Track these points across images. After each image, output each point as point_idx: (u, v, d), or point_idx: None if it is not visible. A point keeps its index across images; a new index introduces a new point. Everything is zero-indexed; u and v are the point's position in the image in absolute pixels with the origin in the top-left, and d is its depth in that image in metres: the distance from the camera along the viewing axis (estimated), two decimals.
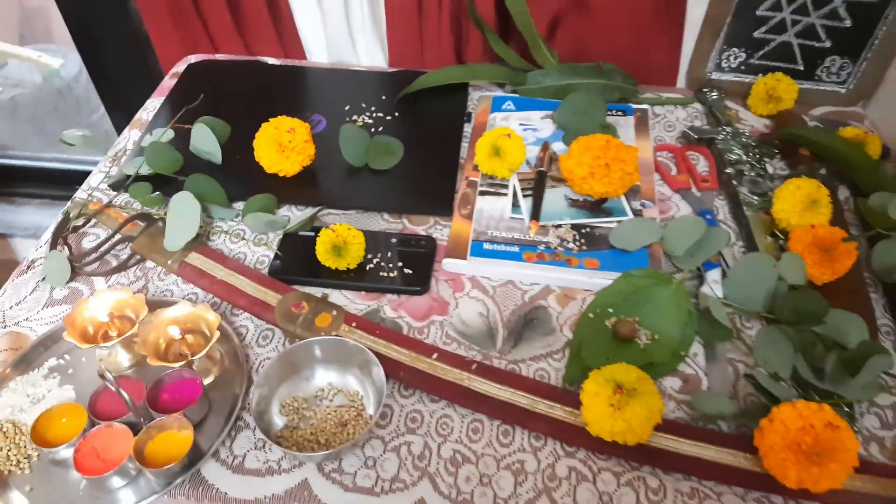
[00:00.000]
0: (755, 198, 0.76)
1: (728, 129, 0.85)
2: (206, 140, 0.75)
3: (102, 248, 0.69)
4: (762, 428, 0.52)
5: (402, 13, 0.91)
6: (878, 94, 0.91)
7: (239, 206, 0.75)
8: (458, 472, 0.54)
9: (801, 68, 0.91)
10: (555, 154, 0.80)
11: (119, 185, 0.76)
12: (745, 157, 0.81)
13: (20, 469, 0.55)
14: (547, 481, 0.54)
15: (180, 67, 0.98)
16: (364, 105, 0.89)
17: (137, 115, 0.90)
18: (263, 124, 0.76)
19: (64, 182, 1.41)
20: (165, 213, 0.70)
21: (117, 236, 0.71)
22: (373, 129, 0.84)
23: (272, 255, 0.71)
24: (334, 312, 0.63)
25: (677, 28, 0.90)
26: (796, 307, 0.60)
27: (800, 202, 0.70)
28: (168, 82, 0.95)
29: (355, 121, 0.86)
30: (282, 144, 0.75)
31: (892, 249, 0.67)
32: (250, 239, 0.73)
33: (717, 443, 0.55)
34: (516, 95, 0.91)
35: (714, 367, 0.62)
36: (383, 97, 0.90)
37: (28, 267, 0.70)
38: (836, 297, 0.64)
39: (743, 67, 0.93)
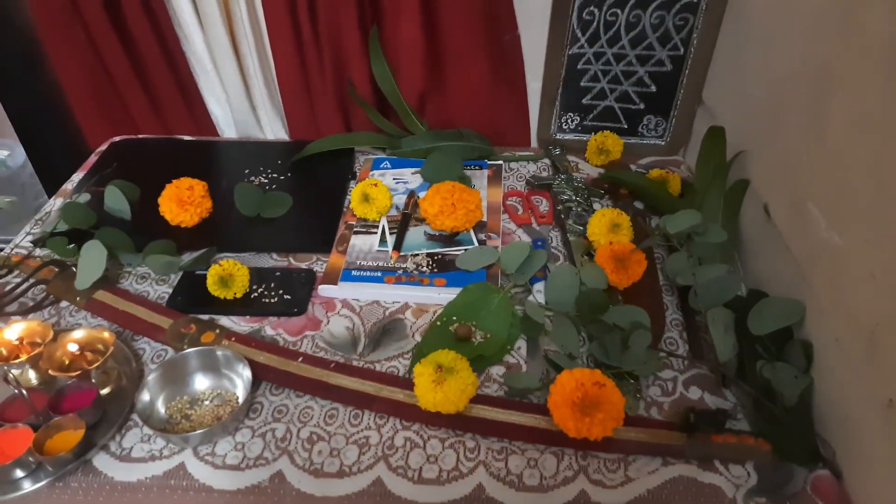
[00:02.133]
0: (579, 227, 0.93)
1: (563, 176, 1.03)
2: (117, 199, 0.89)
3: (20, 290, 0.81)
4: (550, 392, 0.66)
5: (294, 93, 1.09)
6: (691, 143, 1.12)
7: None
8: (312, 448, 0.66)
9: (626, 126, 1.12)
10: (417, 201, 0.97)
11: (40, 241, 0.88)
12: (574, 197, 0.99)
13: None
14: (386, 450, 0.66)
15: (104, 146, 1.12)
16: (262, 168, 1.04)
17: (63, 186, 1.03)
18: (167, 185, 0.90)
19: None
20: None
21: (31, 280, 0.82)
22: (267, 187, 1.00)
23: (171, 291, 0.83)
24: (217, 331, 0.76)
25: (521, 98, 1.10)
26: (586, 302, 0.75)
27: (605, 226, 0.87)
28: (92, 159, 1.10)
29: (252, 181, 1.01)
30: (182, 199, 0.89)
31: (678, 259, 0.83)
32: (154, 279, 0.86)
33: (521, 409, 0.68)
34: (393, 157, 1.08)
35: (533, 356, 0.76)
36: (279, 162, 1.06)
37: None
38: (636, 298, 0.80)
39: (579, 128, 1.13)
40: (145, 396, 0.68)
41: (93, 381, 0.69)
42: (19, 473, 0.63)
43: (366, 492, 0.63)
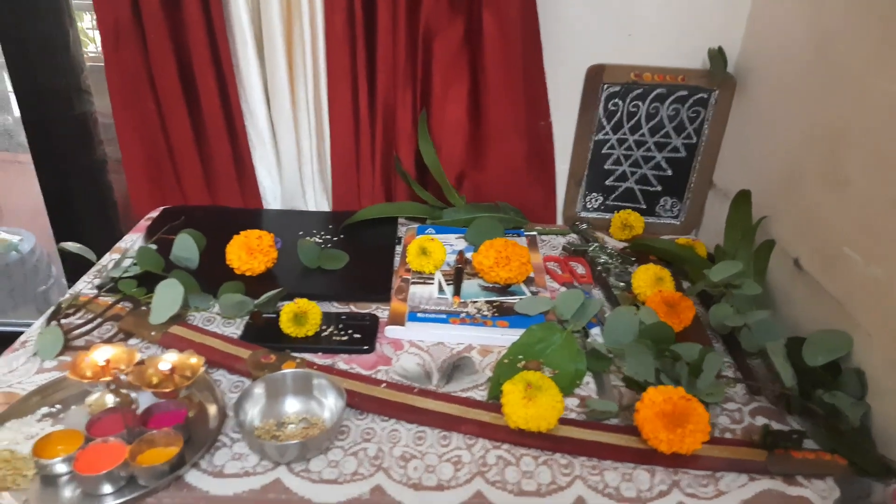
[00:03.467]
0: (620, 283, 1.00)
1: (596, 244, 1.12)
2: (187, 246, 0.92)
3: (91, 325, 0.81)
4: (637, 409, 0.69)
5: (343, 167, 1.17)
6: (703, 223, 1.23)
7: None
8: (407, 465, 0.66)
9: (644, 206, 1.23)
10: (468, 258, 1.03)
11: (104, 286, 0.89)
12: (610, 261, 1.07)
13: (16, 486, 0.61)
14: (480, 467, 0.66)
15: (156, 213, 1.16)
16: (314, 231, 1.10)
17: (117, 245, 1.06)
18: (235, 236, 0.95)
19: None
20: (150, 299, 0.84)
21: (104, 314, 0.83)
22: (321, 246, 1.04)
23: (240, 332, 0.85)
24: (298, 360, 0.77)
25: (550, 179, 1.21)
26: (652, 335, 0.80)
27: (650, 279, 0.94)
28: (143, 224, 1.13)
29: (308, 240, 1.06)
30: (250, 247, 0.93)
31: (720, 308, 0.90)
32: (221, 321, 0.87)
33: (606, 430, 0.70)
34: (435, 225, 1.15)
35: (602, 388, 0.79)
36: (330, 226, 1.12)
37: (21, 345, 0.80)
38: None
39: (602, 207, 1.24)
40: (245, 409, 0.68)
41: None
42: (108, 488, 0.61)
43: (468, 503, 0.63)
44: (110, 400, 0.71)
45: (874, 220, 0.75)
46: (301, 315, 0.83)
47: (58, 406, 0.71)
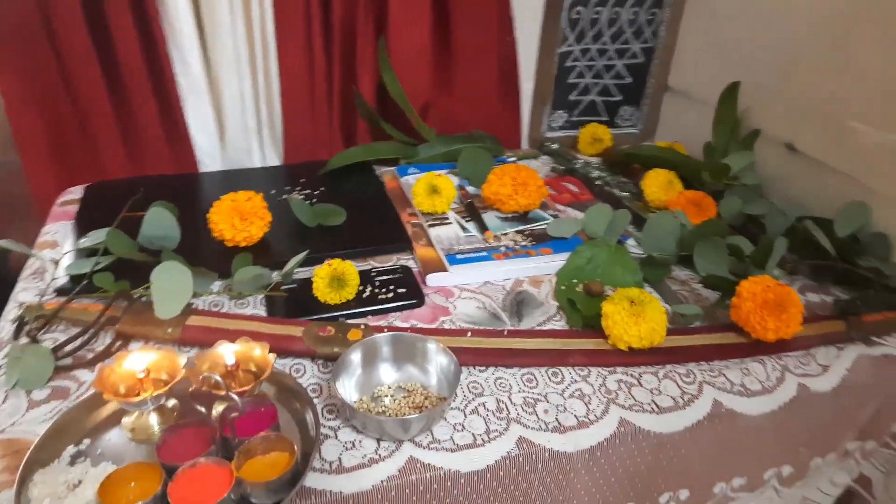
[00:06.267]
0: (625, 193, 0.99)
1: (579, 161, 1.09)
2: (162, 223, 0.75)
3: (85, 337, 0.63)
4: (735, 305, 0.68)
5: (297, 113, 1.02)
6: (659, 130, 1.25)
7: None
8: (535, 409, 0.60)
9: (606, 119, 1.22)
10: (470, 192, 0.95)
11: (68, 288, 0.70)
12: (603, 175, 1.05)
13: None
14: (607, 395, 0.62)
15: (77, 194, 0.94)
16: (288, 188, 0.95)
17: (40, 239, 0.84)
18: (215, 202, 0.79)
19: None
20: (146, 290, 0.67)
21: (101, 319, 0.65)
22: (307, 202, 0.91)
23: (263, 311, 0.71)
24: (363, 326, 0.66)
25: (515, 100, 1.15)
26: (703, 232, 0.79)
27: (662, 184, 0.93)
28: (60, 209, 0.91)
29: (296, 197, 0.92)
30: (242, 212, 0.78)
31: (731, 203, 0.91)
32: (233, 303, 0.73)
33: (708, 332, 0.69)
34: (416, 164, 1.05)
35: (665, 295, 0.78)
36: (302, 179, 0.97)
37: None
38: None
39: (567, 124, 1.21)
40: (345, 385, 0.57)
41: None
42: None
43: (617, 434, 0.58)
44: (154, 419, 0.56)
45: (885, 87, 0.79)
46: (339, 278, 0.71)
47: (86, 441, 0.55)
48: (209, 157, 1.04)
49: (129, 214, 0.76)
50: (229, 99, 0.98)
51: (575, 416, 0.60)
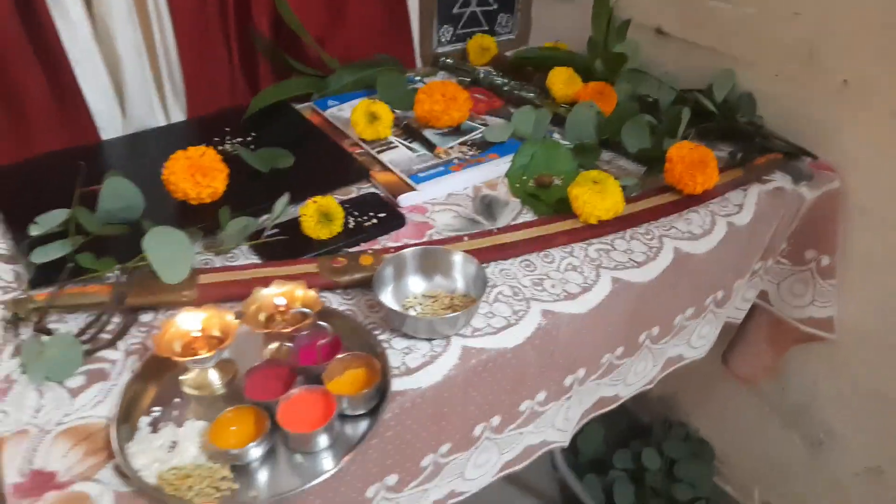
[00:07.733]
0: (530, 94, 1.08)
1: (480, 71, 1.16)
2: (123, 193, 0.71)
3: (105, 317, 0.61)
4: (668, 169, 0.82)
5: (197, 60, 0.97)
6: (532, 33, 1.35)
7: None
8: (543, 286, 0.70)
9: (487, 28, 1.29)
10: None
11: (42, 279, 0.66)
12: (505, 81, 1.13)
13: (231, 489, 0.49)
14: (593, 263, 0.73)
15: None
16: (216, 139, 0.92)
17: None
18: (167, 163, 0.76)
19: None
20: (140, 261, 0.65)
21: (120, 297, 0.62)
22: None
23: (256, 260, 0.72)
24: (370, 251, 0.71)
25: (405, 19, 1.17)
26: (621, 116, 0.91)
27: (564, 81, 1.04)
28: None
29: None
30: (202, 167, 0.76)
31: (623, 87, 1.04)
32: (221, 257, 0.72)
33: (652, 196, 0.82)
34: (333, 96, 1.05)
35: None
36: (227, 129, 0.94)
37: (5, 382, 0.57)
38: None
39: (454, 38, 1.26)
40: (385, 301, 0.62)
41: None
42: (325, 441, 0.53)
43: (613, 291, 0.70)
44: (213, 374, 0.58)
45: None
46: (326, 213, 0.74)
47: (154, 410, 0.55)
48: (108, 122, 0.96)
49: (84, 191, 0.71)
50: (124, 53, 0.91)
51: (576, 283, 0.70)
